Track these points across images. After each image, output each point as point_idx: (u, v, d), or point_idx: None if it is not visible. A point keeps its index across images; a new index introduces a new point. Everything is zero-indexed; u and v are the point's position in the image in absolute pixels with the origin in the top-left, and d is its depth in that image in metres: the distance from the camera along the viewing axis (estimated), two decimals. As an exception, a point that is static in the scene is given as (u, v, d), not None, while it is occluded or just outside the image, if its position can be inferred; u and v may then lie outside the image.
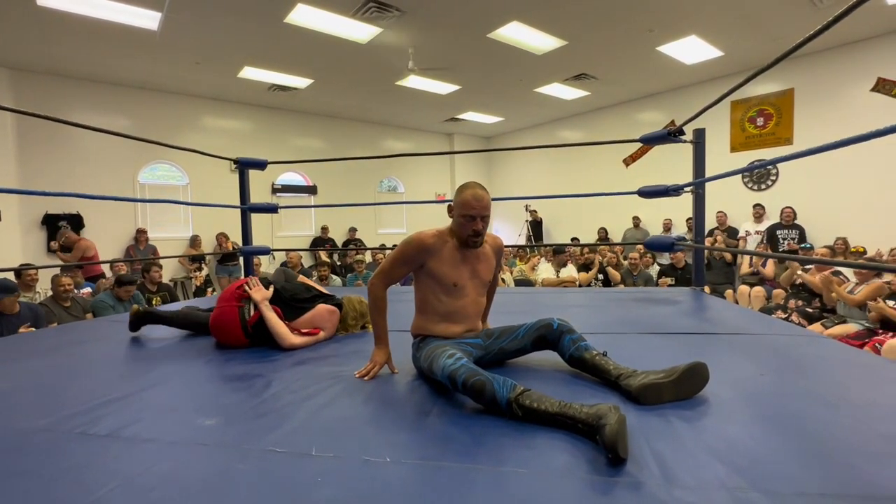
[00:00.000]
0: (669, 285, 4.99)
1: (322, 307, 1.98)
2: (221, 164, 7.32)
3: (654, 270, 5.51)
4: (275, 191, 8.37)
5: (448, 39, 5.61)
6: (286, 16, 4.77)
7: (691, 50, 6.18)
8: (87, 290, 4.60)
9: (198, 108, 7.56)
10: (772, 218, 6.63)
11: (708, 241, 6.84)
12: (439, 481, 0.85)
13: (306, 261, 8.21)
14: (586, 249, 6.44)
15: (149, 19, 4.76)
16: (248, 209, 3.74)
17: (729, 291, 5.67)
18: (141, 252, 6.37)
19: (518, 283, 5.23)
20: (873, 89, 6.02)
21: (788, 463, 0.88)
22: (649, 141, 3.16)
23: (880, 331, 3.26)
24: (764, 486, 0.80)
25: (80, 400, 1.33)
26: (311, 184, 8.90)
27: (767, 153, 6.96)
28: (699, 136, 3.21)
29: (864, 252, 5.14)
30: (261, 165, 3.72)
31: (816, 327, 3.59)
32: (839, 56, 6.19)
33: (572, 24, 5.32)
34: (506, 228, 11.48)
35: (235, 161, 3.60)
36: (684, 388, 1.22)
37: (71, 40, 5.24)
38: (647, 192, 3.16)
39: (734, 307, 2.87)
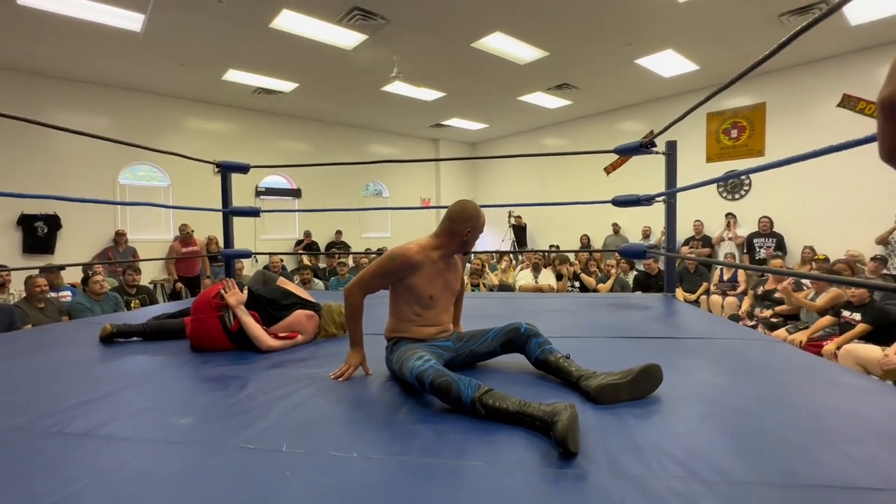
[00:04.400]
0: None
1: (300, 313, 2.01)
2: (205, 165, 7.25)
3: (631, 277, 5.65)
4: (259, 193, 8.34)
5: (433, 48, 5.70)
6: (271, 21, 4.81)
7: (668, 63, 6.39)
8: (66, 293, 4.54)
9: (181, 110, 7.51)
10: (744, 226, 6.86)
11: (685, 250, 7.03)
12: (402, 474, 0.91)
13: (289, 264, 8.18)
14: (557, 261, 6.56)
15: (132, 21, 4.75)
16: (229, 212, 3.75)
17: (703, 298, 5.84)
18: (120, 254, 6.29)
19: (499, 288, 5.31)
20: (839, 105, 6.28)
21: (725, 456, 0.96)
22: (622, 152, 3.28)
23: (835, 336, 3.41)
24: (699, 477, 0.88)
25: (55, 400, 1.35)
26: (295, 187, 8.88)
27: (741, 164, 7.19)
28: (671, 147, 3.34)
29: (827, 259, 5.36)
30: (243, 169, 3.74)
31: (781, 333, 3.74)
32: (807, 72, 6.46)
33: (554, 36, 5.46)
34: (489, 234, 11.59)
35: (217, 164, 3.61)
36: (639, 388, 1.29)
37: (52, 40, 5.18)
38: (621, 202, 3.27)
39: (701, 313, 2.98)
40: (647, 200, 3.16)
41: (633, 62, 6.30)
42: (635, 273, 5.72)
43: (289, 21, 4.82)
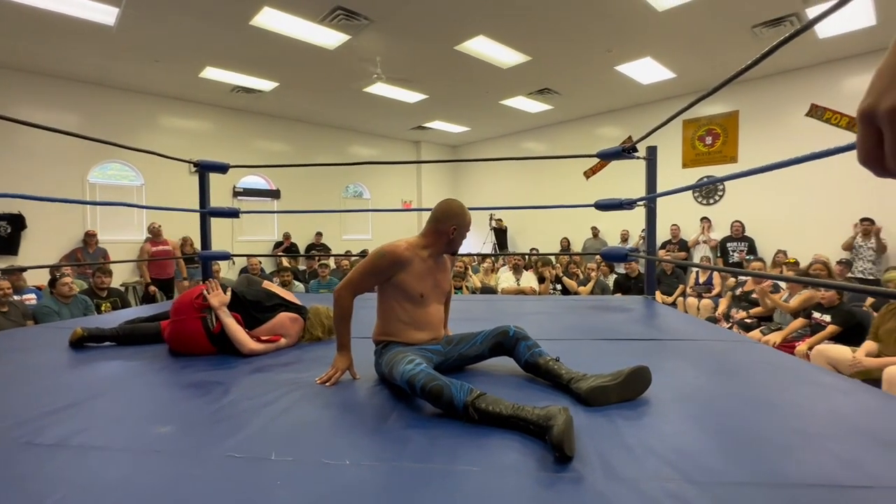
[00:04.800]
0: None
1: (284, 316, 1.96)
2: (180, 165, 7.08)
3: (611, 280, 5.74)
4: (236, 194, 8.16)
5: (416, 50, 5.69)
6: (252, 18, 4.72)
7: (647, 70, 6.53)
8: (30, 295, 4.34)
9: (156, 107, 7.30)
10: (718, 230, 7.05)
11: (662, 254, 7.19)
12: (395, 481, 0.89)
13: (267, 266, 8.03)
14: (540, 263, 6.63)
15: (105, 14, 4.59)
16: (207, 213, 3.65)
17: (680, 300, 5.98)
18: (90, 256, 6.06)
19: (482, 290, 5.32)
20: (807, 114, 6.54)
21: (715, 456, 0.97)
22: (605, 157, 3.32)
23: (807, 338, 3.53)
24: (691, 478, 0.89)
25: (24, 409, 1.28)
26: (274, 188, 8.73)
27: (715, 170, 7.41)
28: (651, 153, 3.41)
29: (797, 263, 5.55)
30: (222, 169, 3.65)
31: (755, 334, 3.84)
32: (778, 82, 6.69)
33: (536, 41, 5.52)
34: (471, 236, 11.61)
35: (195, 163, 3.51)
36: (629, 390, 1.30)
37: (19, 32, 4.97)
38: (604, 206, 3.32)
39: (682, 315, 3.04)
40: (629, 205, 3.22)
41: (612, 69, 6.41)
42: (615, 276, 5.80)
43: (270, 19, 4.74)
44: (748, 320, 4.20)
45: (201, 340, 1.85)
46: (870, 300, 4.06)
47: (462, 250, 10.32)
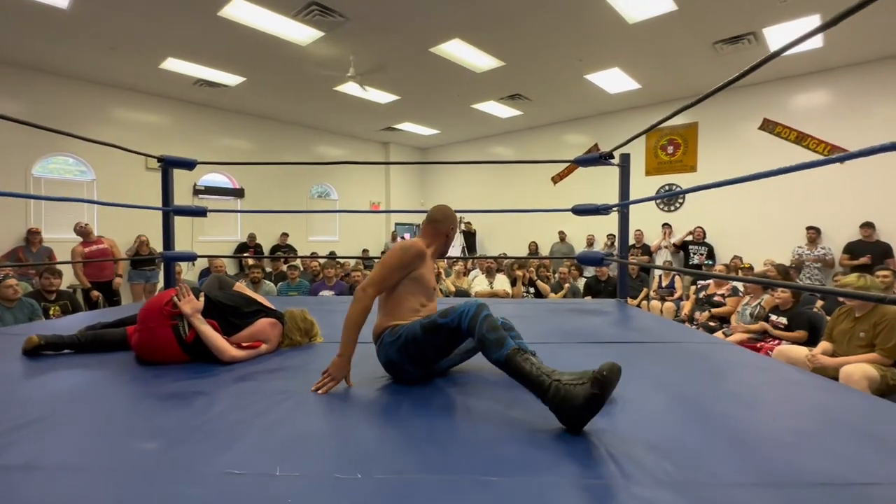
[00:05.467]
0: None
1: (264, 321, 1.88)
2: (135, 160, 6.69)
3: (581, 283, 5.86)
4: (197, 192, 7.79)
5: (390, 50, 5.63)
6: (221, 9, 4.52)
7: (614, 80, 6.74)
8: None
9: (109, 98, 6.87)
10: (678, 236, 7.37)
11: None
12: (416, 495, 0.85)
13: (230, 268, 7.72)
14: (515, 265, 6.71)
15: (56, -4, 4.28)
16: (172, 211, 3.46)
17: (644, 303, 6.19)
18: (34, 255, 5.61)
19: (456, 293, 5.31)
20: (760, 128, 6.95)
21: (708, 457, 0.99)
22: (583, 163, 3.39)
23: (769, 339, 3.73)
24: (699, 481, 0.90)
25: (-19, 426, 1.15)
26: (238, 186, 8.40)
27: (676, 178, 7.74)
28: (625, 160, 3.51)
29: (751, 268, 5.87)
30: (189, 165, 3.47)
31: (719, 335, 4.02)
32: (734, 97, 7.07)
33: (511, 47, 5.58)
34: (440, 239, 11.61)
35: (160, 159, 3.32)
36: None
37: (-47, 9, 4.55)
38: (581, 210, 3.38)
39: (655, 317, 3.14)
40: (605, 210, 3.29)
41: (582, 77, 6.58)
42: (584, 279, 5.94)
43: (240, 11, 4.56)
44: (711, 323, 4.39)
45: (173, 349, 1.74)
46: (820, 303, 4.33)
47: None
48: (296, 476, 0.91)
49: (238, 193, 8.38)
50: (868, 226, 5.95)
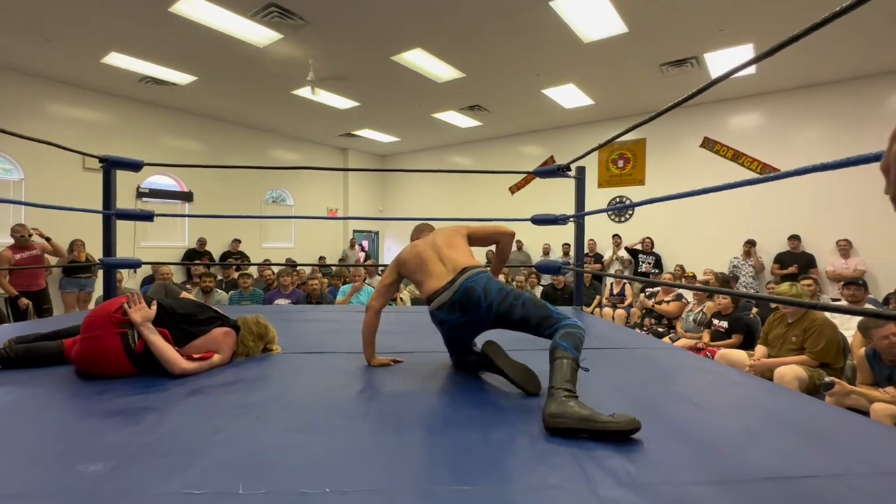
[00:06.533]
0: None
1: (218, 331, 1.79)
2: (70, 159, 6.24)
3: (538, 291, 6.00)
4: (140, 195, 7.35)
5: (351, 56, 5.59)
6: (172, 4, 4.32)
7: (570, 96, 7.01)
8: None
9: (43, 92, 6.38)
10: (630, 243, 7.73)
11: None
12: (386, 507, 0.84)
13: (178, 276, 7.32)
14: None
15: (-16, -21, 3.95)
16: (114, 215, 3.24)
17: (597, 310, 6.42)
18: (-52, 260, 5.06)
19: (414, 301, 5.28)
20: (701, 146, 7.44)
21: (677, 457, 1.05)
22: (542, 174, 3.49)
23: (711, 344, 3.97)
24: (667, 479, 0.94)
25: None
26: (186, 189, 8.00)
27: (626, 190, 8.13)
28: (580, 173, 3.65)
29: (694, 276, 6.24)
30: (135, 166, 3.27)
31: (666, 341, 4.24)
32: (679, 116, 7.53)
33: (472, 60, 5.69)
34: (398, 246, 11.55)
35: (102, 159, 3.11)
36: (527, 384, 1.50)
37: None
38: (540, 220, 3.47)
39: (610, 324, 3.26)
40: (563, 220, 3.40)
41: (540, 92, 6.80)
42: (542, 287, 6.08)
43: (193, 8, 4.38)
44: (660, 329, 4.61)
45: (120, 360, 1.62)
46: (755, 309, 4.67)
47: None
48: (261, 493, 0.87)
49: (186, 197, 7.98)
50: (795, 238, 6.49)
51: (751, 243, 6.73)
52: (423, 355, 2.01)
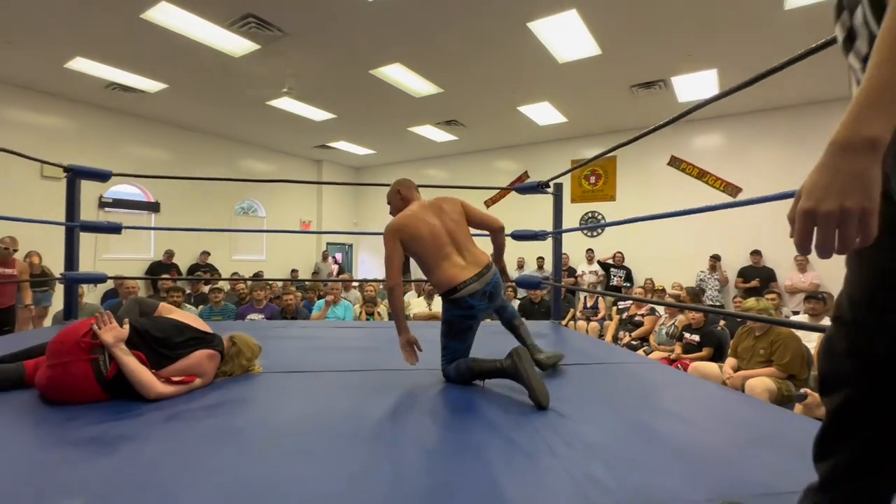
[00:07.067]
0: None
1: (202, 353, 1.69)
2: (27, 166, 5.92)
3: (514, 304, 6.04)
4: (103, 205, 7.03)
5: (330, 68, 5.56)
6: (145, 11, 4.20)
7: (544, 113, 7.18)
8: None
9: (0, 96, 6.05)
10: (601, 258, 7.91)
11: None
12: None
13: (142, 290, 7.00)
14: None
15: (-61, -22, 3.74)
16: (79, 227, 3.09)
17: (571, 323, 6.52)
18: None
19: (391, 317, 5.23)
20: (668, 164, 7.74)
21: (674, 475, 1.06)
22: (521, 190, 3.55)
23: (684, 357, 4.08)
24: (668, 499, 0.95)
25: None
26: (152, 200, 7.71)
27: (598, 206, 8.34)
28: (558, 189, 3.72)
29: (663, 290, 6.44)
30: (102, 176, 3.14)
31: (640, 354, 4.33)
32: (648, 136, 7.83)
33: (451, 76, 5.76)
34: (372, 259, 11.45)
35: (67, 168, 2.97)
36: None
37: None
38: (520, 236, 3.52)
39: (590, 339, 3.31)
40: (543, 236, 3.46)
41: (515, 108, 6.94)
42: (519, 301, 6.13)
43: (167, 15, 4.27)
44: (634, 342, 4.71)
45: (90, 388, 1.52)
46: (722, 322, 4.84)
47: (368, 275, 10.10)
48: (258, 528, 0.83)
49: (153, 207, 7.68)
50: (756, 253, 6.80)
51: (716, 258, 7.01)
52: (409, 373, 1.98)
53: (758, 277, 6.63)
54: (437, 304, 5.49)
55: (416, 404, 1.58)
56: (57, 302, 5.35)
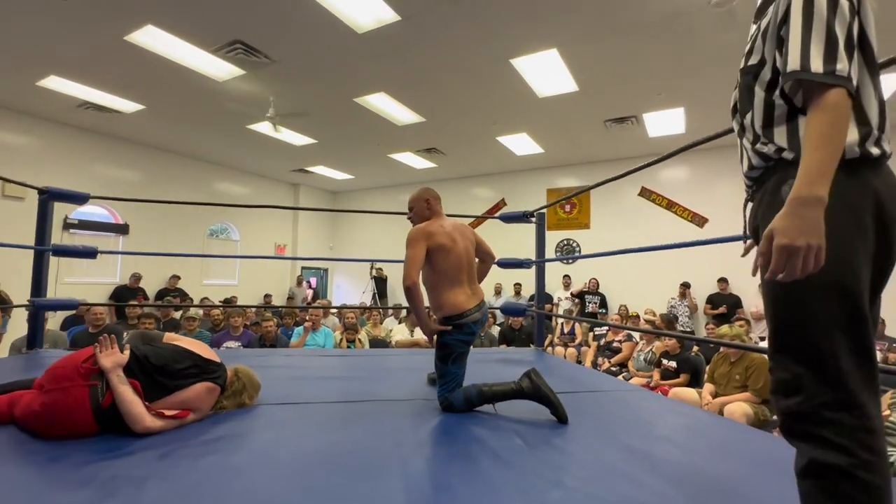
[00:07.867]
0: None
1: (201, 387, 1.62)
2: (-11, 186, 5.64)
3: (494, 331, 6.07)
4: (68, 226, 6.73)
5: (314, 95, 5.61)
6: (128, 33, 4.17)
7: (522, 144, 7.41)
8: None
9: (-40, 112, 5.80)
10: (576, 286, 8.07)
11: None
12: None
13: (108, 317, 6.67)
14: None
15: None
16: (50, 251, 2.95)
17: (549, 349, 6.58)
18: None
19: (373, 343, 5.15)
20: (639, 194, 8.07)
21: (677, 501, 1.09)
22: (507, 219, 3.63)
23: (662, 382, 4.18)
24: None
25: None
26: (121, 221, 7.44)
27: (573, 233, 8.57)
28: (541, 218, 3.83)
29: (637, 317, 6.60)
30: (78, 199, 3.05)
31: (619, 380, 4.41)
32: (619, 167, 8.16)
33: (433, 106, 5.90)
34: (348, 284, 11.31)
35: (42, 190, 2.86)
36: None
37: None
38: (506, 264, 3.57)
39: (575, 366, 3.36)
40: (528, 265, 3.53)
41: (494, 138, 7.14)
42: (499, 327, 6.16)
43: (151, 38, 4.24)
44: (613, 368, 4.80)
45: (83, 416, 1.44)
46: (696, 348, 4.99)
47: (346, 300, 9.86)
48: (285, 572, 0.81)
49: (121, 230, 7.41)
50: (723, 281, 7.10)
51: (685, 285, 7.27)
52: (403, 404, 1.96)
53: (725, 304, 6.90)
54: (419, 332, 5.45)
55: (417, 434, 1.57)
56: (13, 329, 5.03)
